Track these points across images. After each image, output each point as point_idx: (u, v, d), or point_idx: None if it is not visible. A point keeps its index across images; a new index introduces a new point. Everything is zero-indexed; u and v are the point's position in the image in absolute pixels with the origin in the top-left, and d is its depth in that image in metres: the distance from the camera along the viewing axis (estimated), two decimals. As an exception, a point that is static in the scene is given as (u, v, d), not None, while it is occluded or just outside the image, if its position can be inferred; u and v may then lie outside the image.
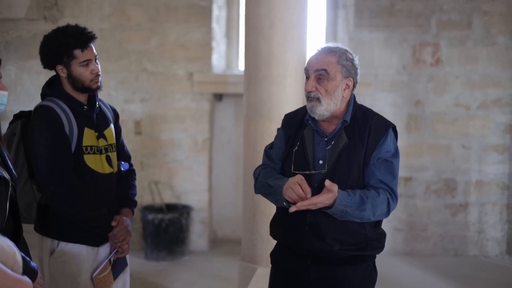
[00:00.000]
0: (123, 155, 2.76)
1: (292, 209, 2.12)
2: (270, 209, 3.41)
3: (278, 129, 2.44)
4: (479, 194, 5.33)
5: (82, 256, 2.50)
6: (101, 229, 2.53)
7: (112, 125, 2.66)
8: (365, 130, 2.24)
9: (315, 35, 5.48)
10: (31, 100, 5.01)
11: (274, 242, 2.50)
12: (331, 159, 2.22)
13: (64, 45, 2.44)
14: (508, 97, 5.29)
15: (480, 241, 5.35)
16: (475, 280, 4.70)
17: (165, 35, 5.25)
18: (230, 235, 5.59)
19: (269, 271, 2.50)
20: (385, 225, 2.91)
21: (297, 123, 2.35)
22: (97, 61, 2.54)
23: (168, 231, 5.04)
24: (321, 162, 2.23)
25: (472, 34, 5.23)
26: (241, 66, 5.55)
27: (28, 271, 1.85)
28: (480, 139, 5.30)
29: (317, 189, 2.18)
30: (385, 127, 2.26)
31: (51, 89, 2.54)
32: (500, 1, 5.20)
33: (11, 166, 2.08)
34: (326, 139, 2.26)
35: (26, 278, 1.57)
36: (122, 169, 2.68)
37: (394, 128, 2.30)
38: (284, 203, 2.19)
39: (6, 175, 1.97)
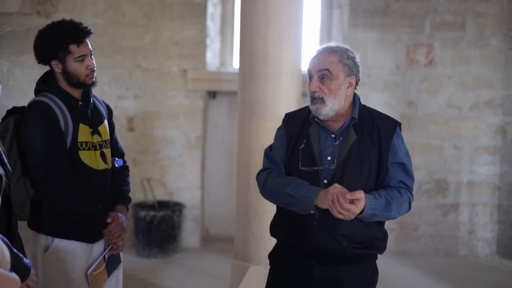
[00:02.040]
0: (117, 151, 2.75)
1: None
2: (263, 207, 3.41)
3: (279, 129, 2.42)
4: (470, 194, 5.36)
5: (77, 253, 2.48)
6: (97, 226, 2.52)
7: (106, 121, 2.65)
8: (374, 129, 2.27)
9: (309, 34, 5.48)
10: (23, 95, 4.98)
11: (267, 240, 2.50)
12: (340, 155, 2.23)
13: (59, 40, 2.43)
14: (500, 99, 5.32)
15: (471, 241, 5.38)
16: (465, 280, 4.72)
17: (159, 32, 5.24)
18: (222, 233, 5.59)
19: (261, 269, 2.50)
20: (378, 225, 2.90)
21: (300, 122, 2.35)
22: (92, 56, 2.52)
23: (160, 228, 5.03)
24: (329, 158, 2.24)
25: (465, 35, 5.26)
26: (235, 64, 5.54)
27: (21, 267, 1.84)
28: (472, 140, 5.33)
29: (327, 185, 2.21)
30: (393, 126, 2.30)
31: (45, 84, 2.52)
32: (494, 3, 5.23)
33: (7, 161, 2.07)
34: (333, 135, 2.27)
35: (14, 275, 1.56)
36: (116, 165, 2.67)
37: (399, 125, 2.35)
38: (312, 212, 2.20)
39: (0, 170, 1.96)
